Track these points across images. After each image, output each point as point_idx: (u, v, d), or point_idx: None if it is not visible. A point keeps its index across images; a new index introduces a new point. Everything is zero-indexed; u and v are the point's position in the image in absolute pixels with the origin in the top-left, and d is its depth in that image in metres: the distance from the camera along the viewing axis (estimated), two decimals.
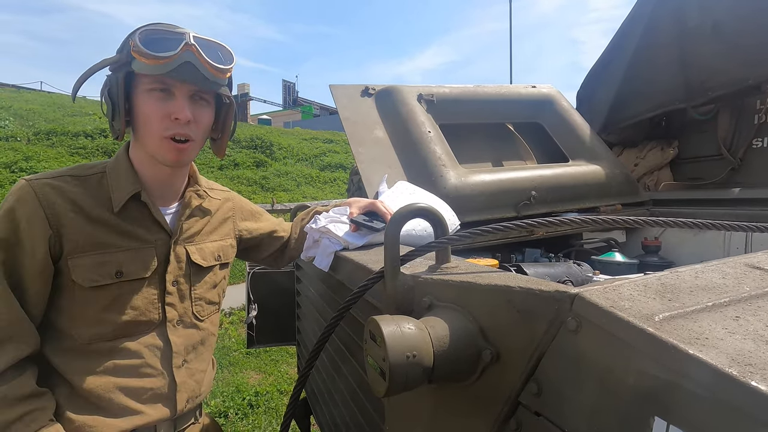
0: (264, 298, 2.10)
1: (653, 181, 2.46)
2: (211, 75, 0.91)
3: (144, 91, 0.89)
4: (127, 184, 0.95)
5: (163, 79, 0.88)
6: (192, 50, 0.87)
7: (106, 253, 0.91)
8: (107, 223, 0.92)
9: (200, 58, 0.88)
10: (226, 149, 1.09)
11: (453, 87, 2.05)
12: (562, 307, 0.44)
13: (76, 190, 0.91)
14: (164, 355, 0.98)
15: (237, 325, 5.09)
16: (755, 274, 0.51)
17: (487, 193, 1.66)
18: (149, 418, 0.95)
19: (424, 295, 0.65)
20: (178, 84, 0.89)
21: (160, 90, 0.89)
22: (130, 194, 0.94)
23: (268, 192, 11.25)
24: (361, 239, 1.09)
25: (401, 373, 0.51)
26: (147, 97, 0.89)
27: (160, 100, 0.89)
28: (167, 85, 0.89)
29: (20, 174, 8.33)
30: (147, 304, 0.96)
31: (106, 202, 0.93)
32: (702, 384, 0.32)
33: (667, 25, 2.22)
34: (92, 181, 0.94)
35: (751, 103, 2.13)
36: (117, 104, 0.89)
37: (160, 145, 0.92)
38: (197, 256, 1.05)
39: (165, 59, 0.85)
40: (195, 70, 0.88)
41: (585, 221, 0.66)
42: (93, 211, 0.91)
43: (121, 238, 0.93)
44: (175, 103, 0.90)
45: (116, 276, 0.92)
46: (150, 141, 0.92)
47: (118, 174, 0.96)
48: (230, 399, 3.37)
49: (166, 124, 0.90)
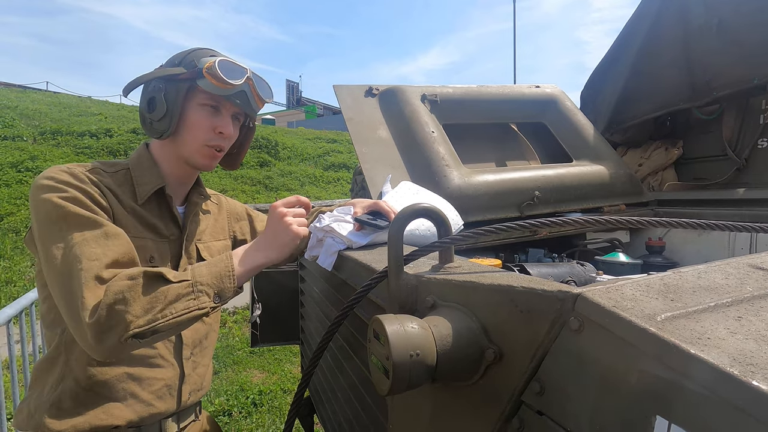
0: (268, 297, 2.11)
1: (657, 182, 2.46)
2: (255, 105, 1.07)
3: (198, 104, 1.02)
4: (153, 179, 1.03)
5: (219, 99, 1.02)
6: (249, 83, 1.04)
7: (140, 237, 0.98)
8: (135, 212, 1.00)
9: (253, 91, 1.05)
10: (240, 164, 1.22)
11: (456, 87, 2.05)
12: (565, 307, 0.44)
13: (109, 180, 0.99)
14: (176, 347, 1.04)
15: (241, 324, 5.10)
16: (758, 275, 0.51)
17: (491, 193, 1.67)
18: (156, 409, 0.99)
19: (427, 295, 0.65)
20: (229, 105, 1.04)
21: (211, 106, 1.03)
22: (156, 187, 1.02)
23: (272, 191, 11.27)
24: (365, 238, 1.10)
25: (405, 372, 0.51)
26: (200, 110, 1.02)
27: (210, 114, 1.03)
28: (218, 103, 1.03)
29: (26, 173, 8.38)
30: None
31: (131, 195, 1.01)
32: (703, 383, 0.32)
33: (672, 25, 2.21)
34: (119, 175, 1.02)
35: (756, 102, 2.12)
36: (173, 110, 1.00)
37: (200, 151, 1.03)
38: (206, 254, 1.12)
39: (231, 86, 1.00)
40: (246, 98, 1.04)
41: (588, 221, 0.66)
42: (124, 199, 0.99)
43: (146, 228, 1.01)
44: (222, 119, 1.04)
45: (150, 261, 0.98)
46: (191, 145, 1.03)
47: (142, 169, 1.04)
48: (234, 398, 3.39)
49: (210, 135, 1.03)
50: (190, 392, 1.07)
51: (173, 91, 1.00)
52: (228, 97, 1.01)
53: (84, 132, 10.95)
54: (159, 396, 1.00)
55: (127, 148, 10.44)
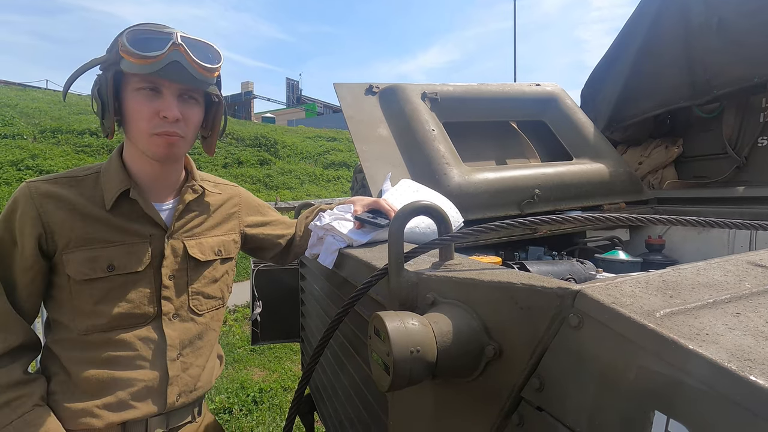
0: (268, 295, 2.12)
1: (657, 180, 2.46)
2: (198, 74, 0.92)
3: (133, 89, 0.91)
4: (117, 182, 0.98)
5: (152, 78, 0.90)
6: (179, 50, 0.89)
7: (97, 248, 0.95)
8: (100, 220, 0.96)
9: (188, 58, 0.90)
10: (215, 146, 1.11)
11: (457, 85, 2.05)
12: (565, 304, 0.44)
13: (70, 190, 0.96)
14: (158, 348, 0.99)
15: (241, 322, 5.11)
16: (757, 272, 0.51)
17: (491, 191, 1.67)
18: (139, 412, 0.96)
19: (427, 292, 0.66)
20: (166, 83, 0.91)
21: (148, 89, 0.91)
22: (119, 191, 0.97)
23: (272, 190, 11.27)
24: (365, 236, 1.10)
25: (405, 368, 0.51)
26: (136, 96, 0.91)
27: (148, 98, 0.91)
28: (155, 84, 0.91)
29: (27, 172, 8.40)
30: (141, 297, 0.98)
31: (100, 200, 0.97)
32: (702, 379, 0.32)
33: (673, 23, 2.21)
34: (88, 181, 0.99)
35: (756, 101, 2.12)
36: (106, 103, 0.92)
37: (150, 141, 0.94)
38: (195, 251, 1.07)
39: (152, 59, 0.87)
40: (183, 69, 0.90)
41: (588, 219, 0.66)
42: (86, 209, 0.95)
43: (113, 233, 0.97)
44: (164, 101, 0.91)
45: (108, 270, 0.95)
46: (140, 138, 0.95)
47: (109, 173, 0.99)
48: (235, 395, 3.40)
49: (155, 122, 0.92)
50: (179, 394, 1.01)
51: (104, 81, 0.91)
52: (157, 73, 0.88)
53: (84, 130, 10.95)
54: (138, 397, 0.96)
55: None
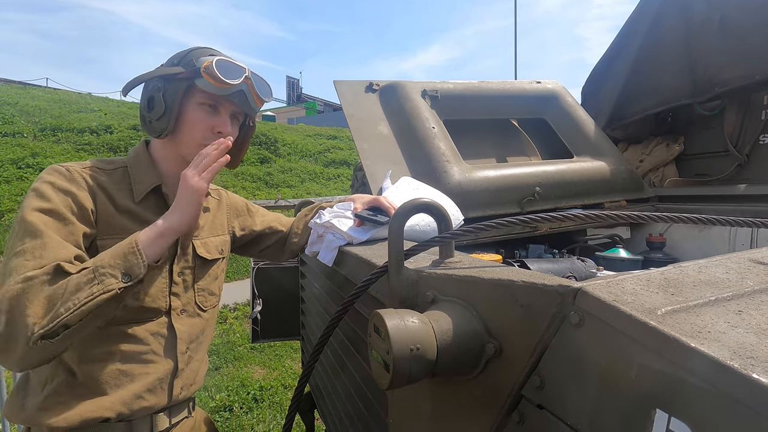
0: (269, 293, 2.12)
1: (658, 178, 2.45)
2: (254, 104, 1.08)
3: (196, 103, 1.03)
4: (150, 177, 1.05)
5: (216, 98, 1.03)
6: (248, 83, 1.04)
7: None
8: (130, 212, 1.01)
9: (252, 90, 1.06)
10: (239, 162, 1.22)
11: (457, 83, 2.04)
12: (565, 302, 0.44)
13: (104, 178, 1.00)
14: (169, 342, 1.04)
15: (242, 320, 5.12)
16: (759, 269, 0.51)
17: (491, 189, 1.66)
18: (147, 403, 0.99)
19: (427, 290, 0.66)
20: (226, 104, 1.05)
21: (209, 105, 1.04)
22: (152, 185, 1.04)
23: (273, 188, 11.27)
24: (365, 234, 1.10)
25: (405, 366, 0.51)
26: (197, 109, 1.03)
27: (208, 113, 1.04)
28: (217, 103, 1.04)
29: (27, 170, 8.38)
30: (157, 291, 1.02)
31: (128, 193, 1.02)
32: (704, 377, 0.32)
33: (674, 21, 2.21)
34: (117, 174, 1.03)
35: (758, 98, 2.11)
36: (171, 109, 1.01)
37: (198, 150, 1.01)
38: (203, 250, 1.13)
39: (229, 85, 1.01)
40: (244, 98, 1.05)
41: (589, 217, 0.66)
42: (119, 199, 1.00)
43: (140, 226, 0.99)
44: (220, 118, 1.05)
45: None
46: (189, 145, 1.04)
47: (139, 168, 1.05)
48: (235, 393, 3.40)
49: (208, 134, 1.04)
50: (182, 387, 1.06)
51: (172, 90, 1.00)
52: (226, 97, 1.02)
53: (84, 128, 10.94)
54: (150, 390, 1.00)
55: (127, 145, 10.44)
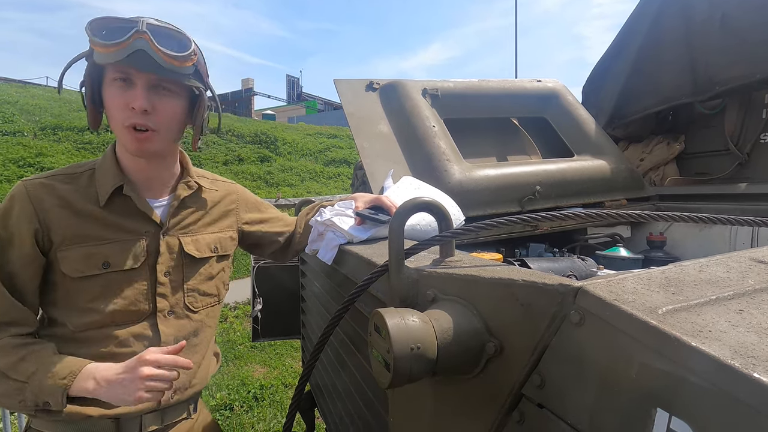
0: (269, 292, 2.12)
1: (659, 176, 2.45)
2: (165, 63, 0.89)
3: (108, 81, 0.91)
4: (111, 178, 0.98)
5: (123, 69, 0.88)
6: (144, 37, 0.86)
7: (92, 245, 0.95)
8: (94, 216, 0.96)
9: (152, 46, 0.87)
10: (198, 141, 1.07)
11: (457, 81, 2.04)
12: (566, 300, 0.44)
13: (65, 187, 0.95)
14: (152, 345, 0.97)
15: (242, 319, 5.12)
16: (760, 268, 0.51)
17: (492, 188, 1.66)
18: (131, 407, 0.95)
19: (428, 289, 0.65)
20: (135, 73, 0.89)
21: (121, 80, 0.90)
22: (113, 188, 0.97)
23: (273, 187, 11.27)
24: (366, 232, 1.10)
25: (405, 365, 0.51)
26: (110, 87, 0.91)
27: (120, 89, 0.90)
28: (127, 74, 0.89)
29: (28, 169, 8.40)
30: (136, 294, 0.98)
31: (94, 197, 0.97)
32: (704, 376, 0.32)
33: (675, 19, 2.20)
34: (83, 178, 0.98)
35: (758, 97, 2.11)
36: (86, 95, 0.94)
37: (123, 134, 0.93)
38: (191, 247, 1.06)
39: (114, 47, 0.85)
40: (149, 58, 0.87)
41: (590, 216, 0.66)
42: (80, 206, 0.95)
43: (108, 230, 0.97)
44: (133, 92, 0.90)
45: (103, 267, 0.95)
46: (116, 130, 0.94)
47: (104, 170, 0.99)
48: (236, 392, 3.41)
49: (126, 113, 0.90)
50: (174, 391, 1.01)
51: (86, 74, 0.92)
52: (122, 62, 0.86)
53: (84, 127, 10.93)
54: None
55: None
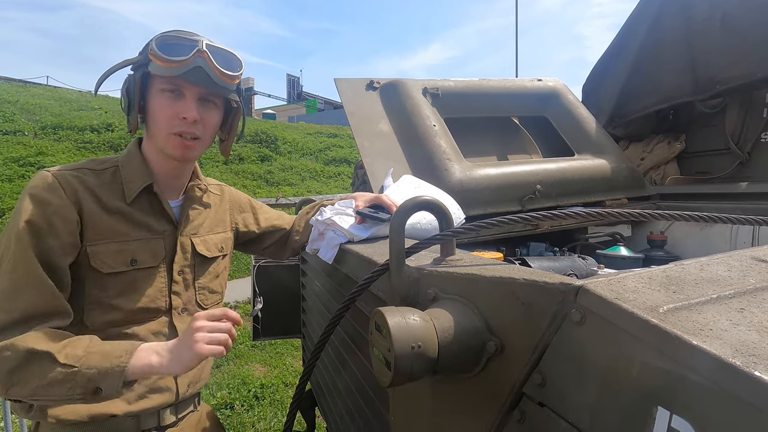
0: (269, 291, 2.11)
1: (660, 176, 2.45)
2: (219, 80, 0.97)
3: (157, 90, 0.97)
4: (141, 176, 1.01)
5: (175, 81, 0.95)
6: (203, 56, 0.94)
7: (122, 241, 0.97)
8: (122, 213, 0.98)
9: (210, 64, 0.95)
10: (230, 149, 1.17)
11: (458, 80, 2.04)
12: (567, 299, 0.44)
13: (93, 181, 0.98)
14: None
15: (242, 318, 5.13)
16: (761, 267, 0.51)
17: (492, 187, 1.66)
18: (154, 402, 1.00)
19: (428, 288, 0.66)
20: (188, 86, 0.96)
21: (170, 91, 0.96)
22: (143, 185, 1.00)
23: (273, 186, 11.27)
24: (366, 231, 1.10)
25: (406, 364, 0.51)
26: (159, 96, 0.97)
27: (170, 99, 0.96)
28: (178, 86, 0.96)
29: (29, 168, 8.39)
30: (156, 291, 1.02)
31: (120, 194, 0.99)
32: (706, 374, 0.32)
33: (676, 18, 2.20)
34: (106, 174, 1.01)
35: (759, 96, 2.11)
36: (133, 101, 0.97)
37: (168, 140, 0.98)
38: (202, 248, 1.11)
39: (177, 63, 0.92)
40: (205, 75, 0.95)
41: (590, 215, 0.66)
42: (109, 201, 0.97)
43: (134, 228, 0.99)
44: (184, 103, 0.97)
45: (131, 264, 0.97)
46: (159, 137, 0.99)
47: (131, 167, 1.02)
48: (236, 391, 3.41)
49: (174, 122, 0.97)
50: (189, 384, 1.08)
51: (132, 81, 0.97)
52: (180, 76, 0.93)
53: (85, 127, 10.93)
54: (154, 389, 1.01)
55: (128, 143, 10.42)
